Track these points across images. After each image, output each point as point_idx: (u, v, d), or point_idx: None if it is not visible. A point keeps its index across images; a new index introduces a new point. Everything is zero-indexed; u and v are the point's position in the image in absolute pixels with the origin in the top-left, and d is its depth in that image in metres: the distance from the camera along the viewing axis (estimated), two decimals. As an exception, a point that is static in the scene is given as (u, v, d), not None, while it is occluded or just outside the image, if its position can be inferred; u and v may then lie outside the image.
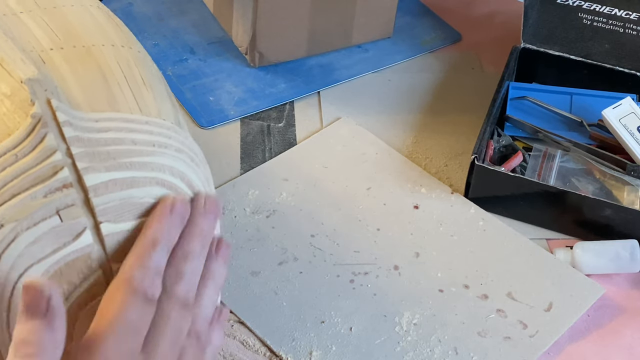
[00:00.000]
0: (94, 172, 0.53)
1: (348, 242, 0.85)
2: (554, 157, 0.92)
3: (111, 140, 0.55)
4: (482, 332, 0.78)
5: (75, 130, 0.53)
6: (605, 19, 1.00)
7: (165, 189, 0.56)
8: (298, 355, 0.75)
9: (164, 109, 0.62)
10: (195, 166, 0.60)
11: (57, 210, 0.52)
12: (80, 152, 0.53)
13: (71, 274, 0.53)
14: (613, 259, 0.83)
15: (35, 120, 0.52)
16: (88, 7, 0.68)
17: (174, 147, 0.58)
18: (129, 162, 0.55)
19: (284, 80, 1.05)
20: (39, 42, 0.61)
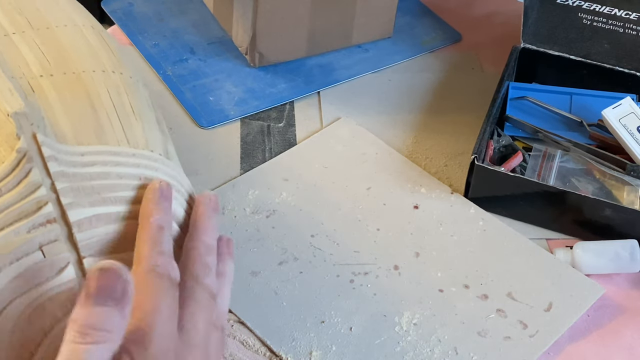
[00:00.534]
0: (78, 207, 0.53)
1: (348, 242, 0.85)
2: (554, 157, 0.92)
3: (96, 175, 0.55)
4: (482, 332, 0.78)
5: (60, 165, 0.53)
6: (605, 19, 1.00)
7: None
8: (298, 355, 0.75)
9: (152, 139, 0.62)
10: (181, 197, 0.60)
11: (40, 245, 0.52)
12: (65, 187, 0.53)
13: (54, 308, 0.53)
14: (613, 259, 0.83)
15: (20, 155, 0.52)
16: (81, 28, 0.68)
17: (159, 180, 0.58)
18: (113, 196, 0.55)
19: (284, 80, 1.05)
20: (29, 67, 0.61)
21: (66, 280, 0.53)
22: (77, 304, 0.47)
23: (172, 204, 0.58)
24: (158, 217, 0.55)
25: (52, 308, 0.53)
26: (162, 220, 0.55)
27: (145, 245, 0.54)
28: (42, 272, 0.52)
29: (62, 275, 0.53)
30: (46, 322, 0.53)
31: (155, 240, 0.54)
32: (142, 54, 1.07)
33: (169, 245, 0.55)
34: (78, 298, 0.47)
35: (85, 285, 0.47)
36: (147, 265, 0.53)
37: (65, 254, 0.53)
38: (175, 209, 0.59)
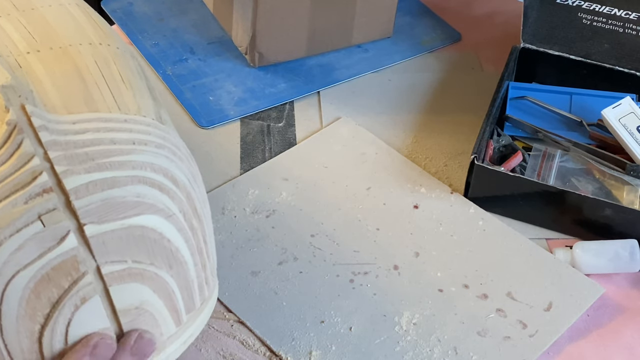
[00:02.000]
0: (73, 174, 0.53)
1: (348, 241, 0.85)
2: (554, 157, 0.92)
3: (89, 141, 0.54)
4: (482, 332, 0.78)
5: (52, 134, 0.53)
6: (605, 19, 1.00)
7: (148, 186, 0.56)
8: (298, 355, 0.75)
9: (144, 105, 0.62)
10: (179, 161, 0.60)
11: (39, 215, 0.52)
12: (58, 155, 0.53)
13: (59, 278, 0.53)
14: (612, 259, 0.83)
15: (10, 127, 0.52)
16: (66, 6, 0.68)
17: (154, 143, 0.58)
18: (108, 162, 0.54)
19: (284, 80, 1.05)
20: (16, 46, 0.61)
21: (68, 249, 0.53)
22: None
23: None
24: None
25: (57, 278, 0.53)
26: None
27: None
28: (43, 242, 0.52)
29: (64, 243, 0.53)
30: (53, 292, 0.53)
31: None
32: (142, 53, 1.07)
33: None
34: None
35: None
36: None
37: (65, 222, 0.53)
38: (174, 173, 0.59)
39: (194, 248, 0.61)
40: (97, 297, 0.55)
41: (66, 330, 0.55)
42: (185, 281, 0.61)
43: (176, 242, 0.59)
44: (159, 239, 0.57)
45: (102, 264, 0.54)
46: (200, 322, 0.65)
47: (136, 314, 0.58)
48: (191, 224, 0.61)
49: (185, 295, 0.61)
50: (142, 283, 0.57)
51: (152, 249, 0.57)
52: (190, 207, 0.61)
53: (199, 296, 0.63)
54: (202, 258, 0.63)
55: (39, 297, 0.53)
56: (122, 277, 0.56)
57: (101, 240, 0.54)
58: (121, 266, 0.56)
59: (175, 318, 0.61)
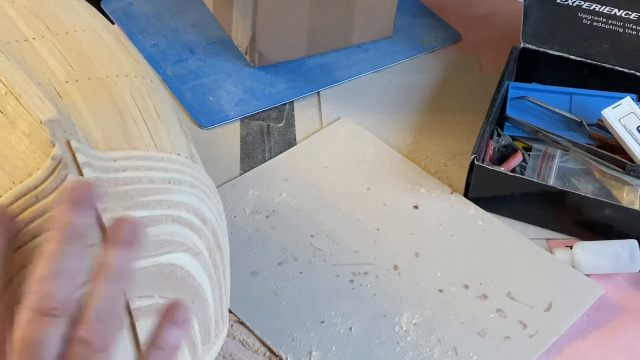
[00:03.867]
0: (112, 212, 0.53)
1: (348, 242, 0.85)
2: (554, 157, 0.92)
3: (129, 180, 0.55)
4: (482, 332, 0.78)
5: (95, 171, 0.54)
6: (605, 19, 1.00)
7: (180, 225, 0.57)
8: (298, 355, 0.75)
9: (178, 142, 0.62)
10: (208, 200, 0.61)
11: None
12: (99, 193, 0.53)
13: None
14: (612, 259, 0.83)
15: (55, 162, 0.52)
16: (99, 32, 0.68)
17: (188, 182, 0.59)
18: (145, 201, 0.55)
19: (284, 80, 1.05)
20: (54, 73, 0.61)
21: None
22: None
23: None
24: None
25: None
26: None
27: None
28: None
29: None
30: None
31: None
32: (142, 53, 1.07)
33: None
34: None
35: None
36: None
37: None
38: (204, 212, 0.59)
39: (215, 284, 0.62)
40: (124, 331, 0.56)
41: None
42: (205, 316, 0.62)
43: (200, 278, 0.60)
44: (186, 276, 0.58)
45: (131, 299, 0.55)
46: (213, 354, 0.66)
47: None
48: (214, 260, 0.62)
49: (202, 329, 0.62)
50: None
51: (179, 285, 0.58)
52: (215, 244, 0.62)
53: (214, 329, 0.64)
54: (221, 292, 0.64)
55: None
56: (148, 312, 0.56)
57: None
58: (149, 301, 0.56)
59: (192, 351, 0.62)
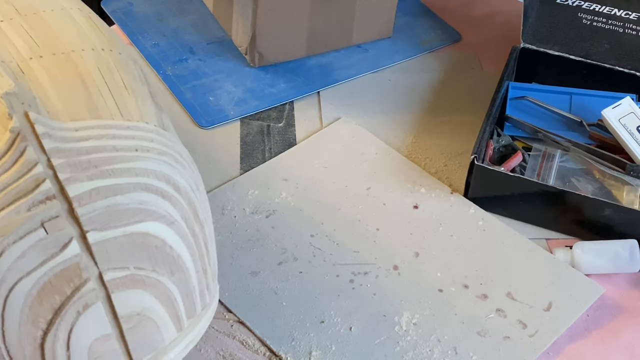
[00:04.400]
0: (76, 182, 0.53)
1: (348, 242, 0.85)
2: (554, 157, 0.92)
3: (92, 149, 0.55)
4: (482, 332, 0.78)
5: (55, 141, 0.53)
6: (605, 19, 1.00)
7: (151, 193, 0.56)
8: (298, 355, 0.75)
9: (147, 111, 0.62)
10: (182, 167, 0.60)
11: (42, 222, 0.52)
12: (62, 162, 0.53)
13: (62, 284, 0.53)
14: (612, 259, 0.83)
15: (14, 134, 0.52)
16: (68, 10, 0.68)
17: (157, 150, 0.58)
18: (111, 169, 0.55)
19: (284, 80, 1.05)
20: (19, 51, 0.61)
21: (71, 256, 0.53)
22: None
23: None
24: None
25: (60, 284, 0.53)
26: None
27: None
28: (46, 249, 0.53)
29: (67, 250, 0.53)
30: (56, 299, 0.54)
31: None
32: (142, 53, 1.07)
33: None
34: None
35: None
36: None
37: (67, 229, 0.53)
38: (177, 180, 0.59)
39: (196, 254, 0.62)
40: (99, 304, 0.55)
41: (68, 336, 0.55)
42: (187, 288, 0.61)
43: (178, 248, 0.59)
44: (161, 245, 0.58)
45: (104, 270, 0.55)
46: (201, 328, 0.66)
47: (138, 320, 0.58)
48: (193, 230, 0.61)
49: (186, 301, 0.62)
50: (144, 290, 0.58)
51: (154, 255, 0.57)
52: (192, 213, 0.61)
53: (200, 302, 0.64)
54: (204, 264, 0.63)
55: (41, 304, 0.54)
56: (124, 284, 0.56)
57: (104, 247, 0.54)
58: (123, 273, 0.56)
59: (177, 324, 0.62)
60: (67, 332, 0.55)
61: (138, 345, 0.59)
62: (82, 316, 0.55)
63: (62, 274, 0.53)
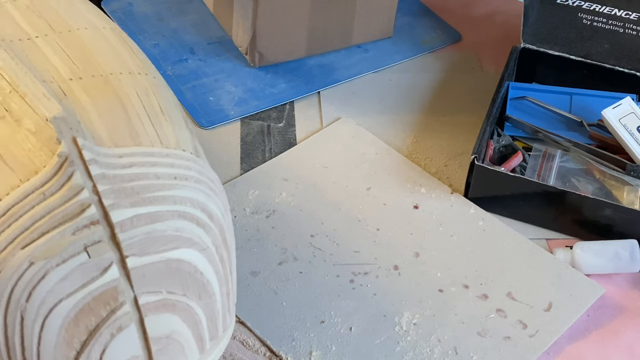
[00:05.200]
0: (119, 208, 0.54)
1: (348, 242, 0.85)
2: (554, 157, 0.92)
3: (135, 176, 0.56)
4: (482, 332, 0.78)
5: (101, 167, 0.54)
6: (605, 19, 1.00)
7: (187, 221, 0.58)
8: (298, 355, 0.75)
9: (182, 138, 0.63)
10: (214, 195, 0.61)
11: (85, 247, 0.53)
12: (106, 189, 0.54)
13: (99, 307, 0.55)
14: (613, 259, 0.83)
15: (62, 159, 0.53)
16: (102, 30, 0.68)
17: (193, 178, 0.59)
18: (152, 196, 0.56)
19: (284, 80, 1.05)
20: (58, 71, 0.61)
21: (110, 280, 0.54)
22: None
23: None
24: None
25: (97, 307, 0.55)
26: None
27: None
28: (87, 273, 0.54)
29: (106, 275, 0.54)
30: (92, 321, 0.55)
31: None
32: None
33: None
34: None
35: None
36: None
37: (108, 254, 0.54)
38: (210, 208, 0.60)
39: (222, 279, 0.63)
40: (132, 326, 0.57)
41: (100, 357, 0.56)
42: (212, 311, 0.63)
43: (208, 274, 0.60)
44: (193, 272, 0.59)
45: (139, 294, 0.56)
46: (220, 349, 0.67)
47: (166, 343, 0.59)
48: (221, 256, 0.62)
49: (210, 324, 0.63)
50: (174, 313, 0.59)
51: (186, 281, 0.59)
52: (222, 239, 0.62)
53: (222, 324, 0.65)
54: (227, 288, 0.64)
55: (77, 325, 0.55)
56: (157, 308, 0.57)
57: (141, 272, 0.56)
58: (157, 297, 0.57)
59: (200, 346, 0.63)
60: (100, 353, 0.56)
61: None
62: (116, 338, 0.56)
63: (100, 297, 0.55)
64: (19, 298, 0.53)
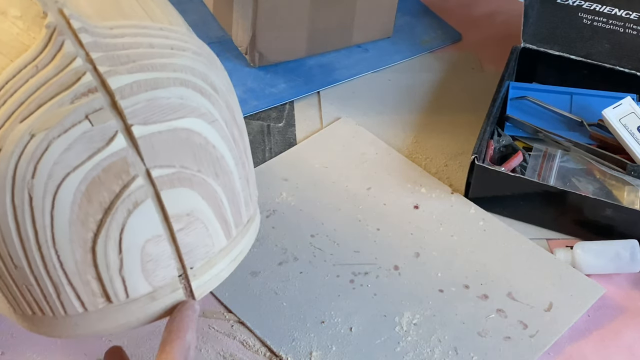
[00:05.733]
0: (116, 75, 0.52)
1: (348, 242, 0.85)
2: (554, 157, 0.92)
3: (128, 44, 0.54)
4: (482, 332, 0.78)
5: (92, 36, 0.53)
6: (605, 19, 1.00)
7: (190, 89, 0.56)
8: (298, 355, 0.74)
9: (175, 20, 0.61)
10: (216, 69, 0.59)
11: (86, 114, 0.51)
12: (100, 56, 0.52)
13: (110, 181, 0.53)
14: (613, 259, 0.83)
15: (50, 29, 0.51)
16: None
17: (191, 50, 0.58)
18: (149, 63, 0.54)
19: (284, 80, 1.05)
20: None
21: (118, 149, 0.52)
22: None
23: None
24: (190, 337, 0.57)
25: (108, 181, 0.53)
26: (193, 340, 0.57)
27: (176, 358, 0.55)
28: (92, 142, 0.52)
29: (113, 144, 0.52)
30: (105, 196, 0.53)
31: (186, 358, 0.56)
32: (142, 53, 1.07)
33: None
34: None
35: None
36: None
37: (112, 121, 0.52)
38: (213, 80, 0.58)
39: (238, 159, 0.60)
40: (149, 201, 0.54)
41: (120, 237, 0.54)
42: (232, 192, 0.60)
43: (221, 149, 0.58)
44: (204, 144, 0.57)
45: (151, 167, 0.54)
46: (248, 241, 0.64)
47: (188, 221, 0.57)
48: (232, 133, 0.60)
49: (233, 207, 0.60)
50: (191, 189, 0.56)
51: (199, 154, 0.56)
52: (230, 116, 0.60)
53: (245, 211, 0.62)
54: (245, 171, 0.62)
55: (90, 201, 0.52)
56: (172, 182, 0.55)
57: (149, 142, 0.53)
58: (170, 170, 0.55)
59: (225, 230, 0.60)
60: (119, 232, 0.54)
61: (189, 249, 0.58)
62: (133, 215, 0.54)
63: (109, 169, 0.52)
64: (24, 174, 0.51)
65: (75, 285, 0.55)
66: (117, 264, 0.55)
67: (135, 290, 0.56)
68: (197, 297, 0.60)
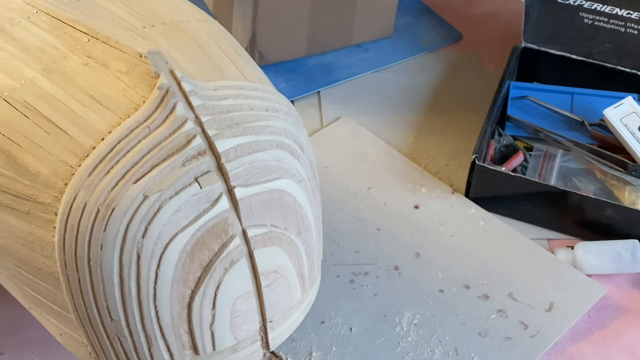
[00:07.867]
0: (222, 138, 0.54)
1: (348, 242, 0.85)
2: (555, 157, 0.92)
3: (232, 107, 0.55)
4: (483, 333, 0.77)
5: (201, 98, 0.54)
6: (607, 19, 1.00)
7: (284, 151, 0.57)
8: (298, 355, 0.74)
9: (262, 77, 0.63)
10: (302, 128, 0.61)
11: (196, 177, 0.53)
12: (209, 119, 0.53)
13: (212, 241, 0.54)
14: (614, 259, 0.83)
15: (162, 91, 0.52)
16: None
17: (283, 110, 0.59)
18: (251, 126, 0.55)
19: (284, 79, 1.05)
20: (127, 21, 0.60)
21: (221, 211, 0.54)
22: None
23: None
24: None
25: (210, 241, 0.54)
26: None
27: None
28: (199, 204, 0.53)
29: (217, 206, 0.54)
30: (205, 255, 0.54)
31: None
32: (142, 53, 1.07)
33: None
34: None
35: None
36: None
37: (218, 184, 0.53)
38: (301, 140, 0.60)
39: (316, 215, 0.62)
40: (243, 260, 0.56)
41: (215, 294, 0.56)
42: (310, 248, 0.62)
43: (305, 207, 0.60)
44: (292, 203, 0.58)
45: (247, 227, 0.55)
46: (315, 291, 0.67)
47: (274, 278, 0.59)
48: (313, 190, 0.62)
49: (309, 262, 0.62)
50: (279, 247, 0.58)
51: (287, 213, 0.58)
52: (312, 173, 0.62)
53: (317, 264, 0.64)
54: (319, 226, 0.64)
55: (192, 260, 0.54)
56: (264, 241, 0.57)
57: (248, 203, 0.55)
58: (263, 230, 0.57)
59: (302, 283, 0.62)
60: (215, 289, 0.55)
61: (272, 304, 0.60)
62: (229, 273, 0.56)
63: (212, 229, 0.54)
64: (135, 234, 0.52)
65: (167, 338, 0.57)
66: (210, 319, 0.57)
67: (222, 344, 0.59)
68: (271, 347, 0.62)
